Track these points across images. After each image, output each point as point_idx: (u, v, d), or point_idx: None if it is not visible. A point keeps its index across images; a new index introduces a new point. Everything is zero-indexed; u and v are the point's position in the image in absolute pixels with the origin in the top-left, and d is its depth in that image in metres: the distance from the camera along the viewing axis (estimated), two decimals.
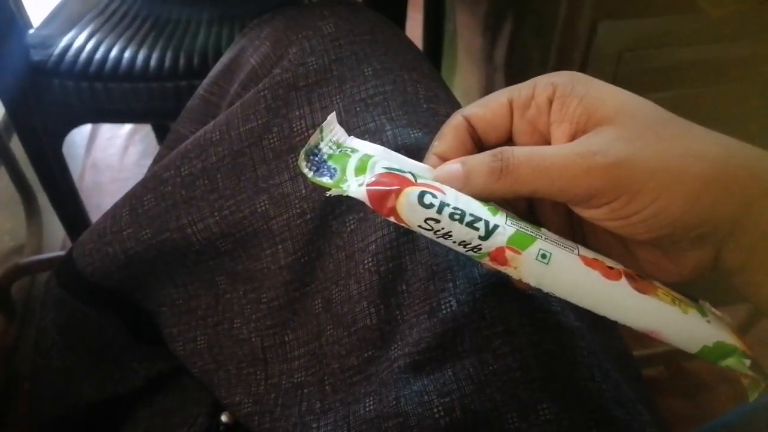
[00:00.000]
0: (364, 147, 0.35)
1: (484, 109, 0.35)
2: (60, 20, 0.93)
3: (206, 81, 0.59)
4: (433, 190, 0.31)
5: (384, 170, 0.33)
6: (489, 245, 0.31)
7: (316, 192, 0.47)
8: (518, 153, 0.32)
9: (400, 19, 0.94)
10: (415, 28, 1.12)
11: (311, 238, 0.47)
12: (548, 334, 0.40)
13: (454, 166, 0.33)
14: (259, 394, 0.48)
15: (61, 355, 0.54)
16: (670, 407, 1.07)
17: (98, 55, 0.86)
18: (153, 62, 0.85)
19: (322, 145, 0.35)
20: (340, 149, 0.35)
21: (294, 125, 0.49)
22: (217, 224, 0.49)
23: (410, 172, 0.33)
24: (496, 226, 0.31)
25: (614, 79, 0.70)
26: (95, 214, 1.00)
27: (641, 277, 0.33)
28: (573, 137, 0.32)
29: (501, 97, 0.35)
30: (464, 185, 0.33)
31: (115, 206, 0.52)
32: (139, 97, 0.86)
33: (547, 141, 0.34)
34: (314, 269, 0.47)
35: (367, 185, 0.32)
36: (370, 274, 0.44)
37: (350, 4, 0.56)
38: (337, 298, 0.45)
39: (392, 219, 0.31)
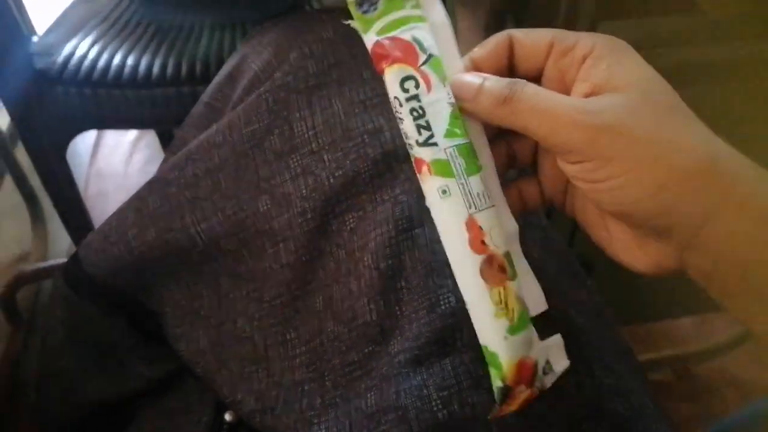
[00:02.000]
0: (427, 12, 0.35)
1: (529, 37, 0.35)
2: (63, 28, 0.94)
3: (210, 88, 0.60)
4: (421, 81, 0.33)
5: (408, 39, 0.34)
6: (417, 152, 0.33)
7: (316, 192, 0.47)
8: (528, 89, 0.32)
9: None
10: None
11: (312, 237, 0.47)
12: (546, 329, 0.40)
13: (474, 79, 0.33)
14: (260, 391, 0.48)
15: (68, 354, 0.54)
16: (676, 410, 1.07)
17: (101, 62, 0.86)
18: (156, 69, 0.86)
19: None
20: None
21: (295, 127, 0.49)
22: (220, 224, 0.49)
23: (432, 55, 0.34)
24: (434, 144, 0.32)
25: None
26: (100, 221, 1.00)
27: (502, 271, 0.32)
28: (587, 96, 0.32)
29: (547, 34, 0.35)
30: (471, 99, 0.33)
31: (121, 208, 0.53)
32: (143, 104, 0.87)
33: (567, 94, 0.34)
34: (315, 268, 0.48)
35: (376, 42, 0.34)
36: (369, 271, 0.44)
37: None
38: (338, 296, 0.46)
39: (383, 76, 0.33)
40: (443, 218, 0.33)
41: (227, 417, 0.51)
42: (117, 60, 0.86)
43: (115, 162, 1.54)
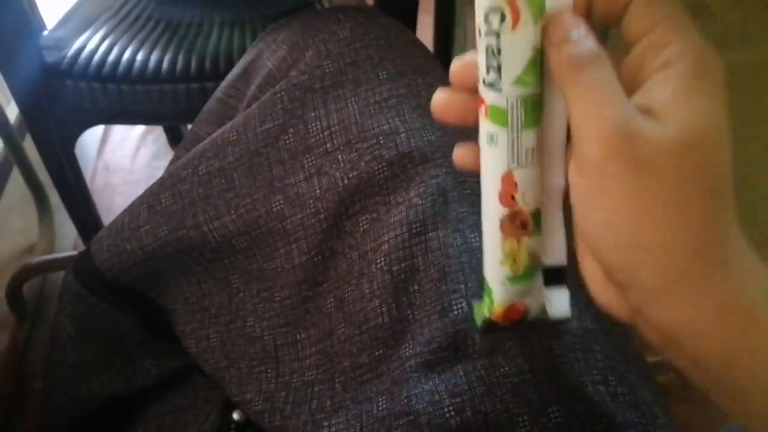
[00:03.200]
0: None
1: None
2: (74, 22, 0.94)
3: (224, 84, 0.60)
4: (509, 15, 0.28)
5: None
6: (481, 90, 0.30)
7: (330, 192, 0.47)
8: (596, 73, 0.27)
9: (410, 24, 0.94)
10: (425, 33, 1.12)
11: (325, 237, 0.47)
12: (560, 338, 0.40)
13: (575, 23, 0.28)
14: (269, 391, 0.48)
15: (76, 349, 0.54)
16: (679, 414, 1.06)
17: (111, 57, 0.86)
18: (165, 64, 0.86)
19: None
20: None
21: (310, 126, 0.49)
22: (233, 222, 0.49)
23: None
24: (498, 89, 0.29)
25: None
26: (106, 214, 1.00)
27: (523, 227, 0.32)
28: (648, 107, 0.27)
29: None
30: (556, 45, 0.28)
31: (133, 204, 0.53)
32: (152, 99, 0.87)
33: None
34: (327, 268, 0.48)
35: None
36: (382, 274, 0.44)
37: (365, 9, 0.57)
38: (350, 297, 0.46)
39: None
40: (485, 163, 0.32)
41: (235, 416, 0.51)
42: (127, 55, 0.87)
43: (122, 156, 1.54)
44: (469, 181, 0.47)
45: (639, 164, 0.26)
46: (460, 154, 0.34)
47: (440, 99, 0.33)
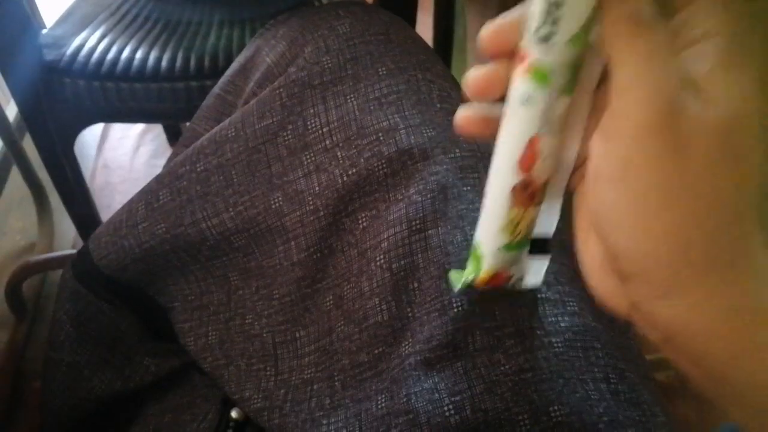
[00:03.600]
0: None
1: None
2: (73, 21, 0.94)
3: (222, 80, 0.60)
4: None
5: None
6: (527, 44, 0.28)
7: (329, 189, 0.47)
8: (650, 35, 0.25)
9: (409, 22, 0.94)
10: (424, 31, 1.12)
11: (324, 234, 0.47)
12: (560, 336, 0.40)
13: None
14: (268, 389, 0.48)
15: (74, 348, 0.54)
16: (678, 413, 1.06)
17: (110, 55, 0.86)
18: (164, 63, 0.86)
19: None
20: None
21: (308, 123, 0.49)
22: (231, 219, 0.49)
23: None
24: (550, 46, 0.28)
25: None
26: (106, 213, 1.00)
27: (531, 197, 0.32)
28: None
29: None
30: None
31: (131, 201, 0.53)
32: (150, 97, 0.87)
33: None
34: (326, 266, 0.47)
35: None
36: (381, 271, 0.44)
37: (365, 4, 0.57)
38: (349, 295, 0.46)
39: None
40: (512, 124, 0.30)
41: (234, 414, 0.51)
42: (126, 53, 0.87)
43: (121, 154, 1.54)
44: (470, 178, 0.46)
45: (679, 143, 0.24)
46: (465, 115, 0.31)
47: (478, 76, 0.30)
